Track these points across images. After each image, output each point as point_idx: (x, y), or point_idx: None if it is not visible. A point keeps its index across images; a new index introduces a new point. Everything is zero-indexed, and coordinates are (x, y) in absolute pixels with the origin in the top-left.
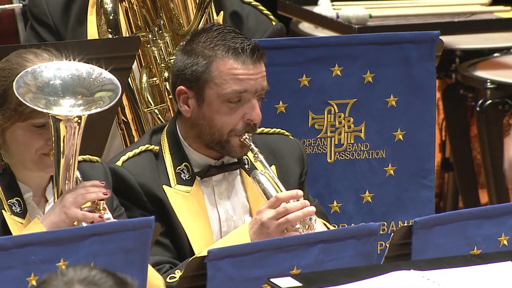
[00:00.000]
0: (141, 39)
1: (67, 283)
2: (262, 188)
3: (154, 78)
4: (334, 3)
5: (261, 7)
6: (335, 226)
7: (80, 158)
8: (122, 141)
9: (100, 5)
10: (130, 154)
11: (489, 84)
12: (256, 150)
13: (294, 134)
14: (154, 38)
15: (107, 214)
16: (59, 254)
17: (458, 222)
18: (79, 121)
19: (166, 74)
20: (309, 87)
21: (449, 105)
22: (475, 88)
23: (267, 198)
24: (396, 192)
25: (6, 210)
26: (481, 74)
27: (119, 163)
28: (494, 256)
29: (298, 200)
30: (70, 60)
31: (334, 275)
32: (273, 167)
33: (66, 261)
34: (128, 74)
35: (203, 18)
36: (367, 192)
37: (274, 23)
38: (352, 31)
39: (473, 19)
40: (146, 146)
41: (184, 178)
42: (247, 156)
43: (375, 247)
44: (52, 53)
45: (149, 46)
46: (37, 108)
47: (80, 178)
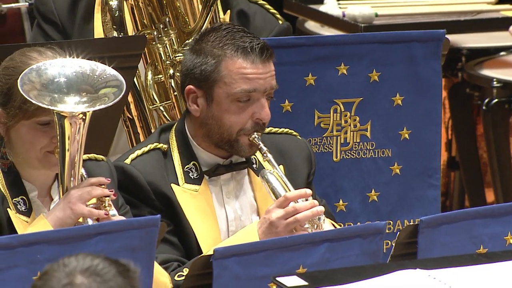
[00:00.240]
0: (147, 38)
1: (69, 275)
2: (270, 187)
3: (160, 75)
4: (340, 2)
5: (267, 6)
6: (341, 225)
7: (85, 157)
8: (127, 138)
9: (105, 2)
10: (138, 152)
11: (495, 82)
12: (265, 149)
13: (300, 133)
14: (159, 36)
15: (113, 211)
16: (65, 252)
17: (464, 221)
18: (84, 117)
19: (171, 71)
20: (315, 86)
21: (455, 104)
22: (481, 86)
23: (276, 198)
24: (402, 191)
25: (11, 209)
26: (487, 72)
27: (128, 161)
28: (500, 255)
29: (307, 199)
30: (74, 57)
31: (340, 274)
32: (281, 167)
33: None
34: (134, 73)
35: (209, 16)
36: (373, 191)
37: (280, 22)
38: (358, 30)
39: (479, 18)
40: (155, 144)
41: (192, 177)
42: (255, 155)
43: (381, 246)
44: (56, 51)
45: (154, 43)
46: (42, 105)
47: (85, 175)
